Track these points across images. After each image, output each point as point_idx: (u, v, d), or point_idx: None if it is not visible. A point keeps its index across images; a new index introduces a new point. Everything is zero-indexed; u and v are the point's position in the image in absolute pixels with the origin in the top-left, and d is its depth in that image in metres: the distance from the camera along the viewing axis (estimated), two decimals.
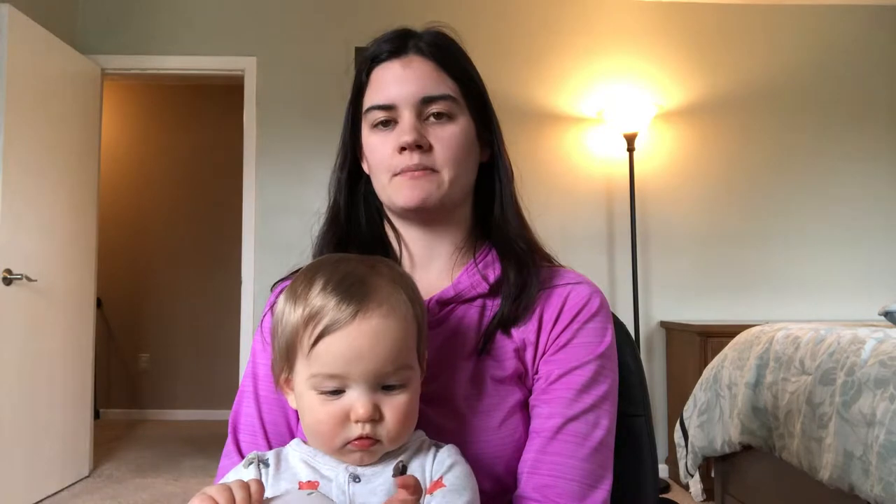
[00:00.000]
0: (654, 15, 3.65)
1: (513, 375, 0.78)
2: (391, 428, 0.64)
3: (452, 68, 0.83)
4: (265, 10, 3.56)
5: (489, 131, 0.87)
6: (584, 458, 0.74)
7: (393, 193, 0.81)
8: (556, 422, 0.75)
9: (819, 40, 3.69)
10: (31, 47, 2.90)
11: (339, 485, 0.64)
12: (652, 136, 3.56)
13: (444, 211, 0.83)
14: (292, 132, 3.50)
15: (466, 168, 0.83)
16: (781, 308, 3.54)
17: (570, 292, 0.82)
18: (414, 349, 0.67)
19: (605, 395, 0.77)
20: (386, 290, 0.66)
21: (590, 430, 0.75)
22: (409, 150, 0.79)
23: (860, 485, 1.54)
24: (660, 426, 3.40)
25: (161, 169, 4.98)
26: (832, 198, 3.62)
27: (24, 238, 2.84)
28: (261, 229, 3.47)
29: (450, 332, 0.81)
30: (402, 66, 0.82)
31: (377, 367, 0.63)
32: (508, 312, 0.80)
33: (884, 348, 1.63)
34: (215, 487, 0.58)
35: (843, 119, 3.65)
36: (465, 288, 0.82)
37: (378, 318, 0.63)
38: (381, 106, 0.82)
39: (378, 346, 0.63)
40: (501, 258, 0.83)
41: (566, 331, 0.79)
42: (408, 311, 0.66)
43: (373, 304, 0.64)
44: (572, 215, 3.51)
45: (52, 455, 3.02)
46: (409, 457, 0.67)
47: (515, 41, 3.57)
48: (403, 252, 0.87)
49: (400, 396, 0.64)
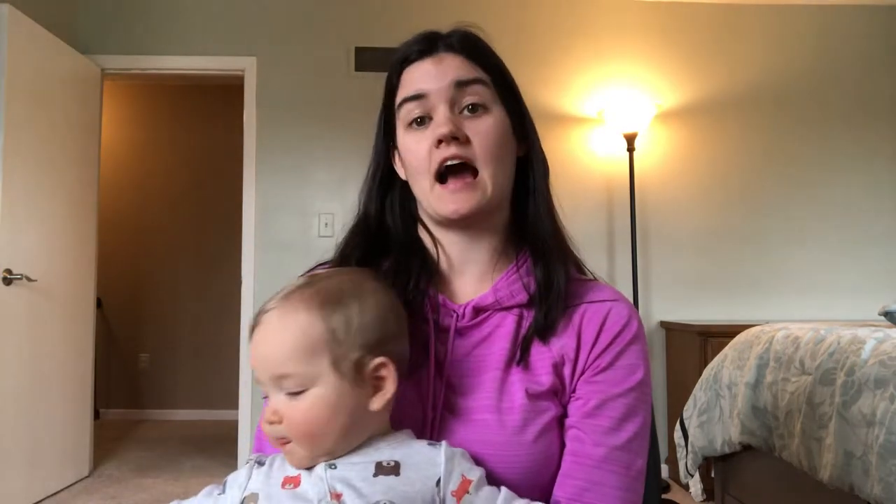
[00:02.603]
0: (654, 15, 3.65)
1: (549, 391, 0.77)
2: (291, 433, 0.67)
3: (483, 61, 0.83)
4: (265, 10, 3.56)
5: (523, 124, 0.86)
6: (626, 487, 0.75)
7: (436, 203, 0.80)
8: (602, 451, 0.75)
9: (819, 40, 3.69)
10: (31, 47, 2.90)
11: (319, 472, 0.66)
12: (652, 136, 3.57)
13: (485, 215, 0.82)
14: (292, 132, 3.50)
15: (505, 164, 0.82)
16: (781, 308, 3.54)
17: (609, 310, 0.80)
18: (321, 361, 0.67)
19: (644, 424, 0.78)
20: (295, 302, 0.69)
21: (633, 460, 0.76)
22: (445, 143, 0.78)
23: (860, 485, 1.54)
24: (660, 426, 3.40)
25: (161, 169, 4.99)
26: (832, 197, 3.62)
27: (24, 238, 2.84)
28: (261, 229, 3.47)
29: (482, 339, 0.80)
30: (433, 63, 0.82)
31: (269, 370, 0.67)
32: (545, 320, 0.78)
33: (884, 348, 1.63)
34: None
35: (844, 119, 3.65)
36: (504, 296, 0.81)
37: (269, 325, 0.69)
38: (412, 96, 0.80)
39: (267, 350, 0.68)
40: (535, 261, 0.82)
41: (606, 352, 0.78)
42: (312, 325, 0.67)
43: (273, 314, 0.69)
44: (572, 215, 3.45)
45: (52, 455, 3.02)
46: (391, 451, 0.68)
47: (518, 43, 3.57)
48: (441, 256, 0.85)
49: (298, 402, 0.67)
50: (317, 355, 0.67)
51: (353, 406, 0.68)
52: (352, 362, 0.68)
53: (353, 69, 3.47)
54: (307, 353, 0.67)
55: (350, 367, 0.67)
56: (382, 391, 0.69)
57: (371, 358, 0.68)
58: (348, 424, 0.68)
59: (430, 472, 0.66)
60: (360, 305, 0.70)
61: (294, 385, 0.67)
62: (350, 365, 0.67)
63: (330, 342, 0.67)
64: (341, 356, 0.67)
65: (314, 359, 0.67)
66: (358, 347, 0.68)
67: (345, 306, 0.69)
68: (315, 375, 0.67)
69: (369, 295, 0.71)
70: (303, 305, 0.68)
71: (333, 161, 3.48)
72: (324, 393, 0.67)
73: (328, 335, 0.67)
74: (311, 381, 0.67)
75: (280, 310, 0.69)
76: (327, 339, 0.67)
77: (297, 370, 0.67)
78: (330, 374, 0.67)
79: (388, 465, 0.66)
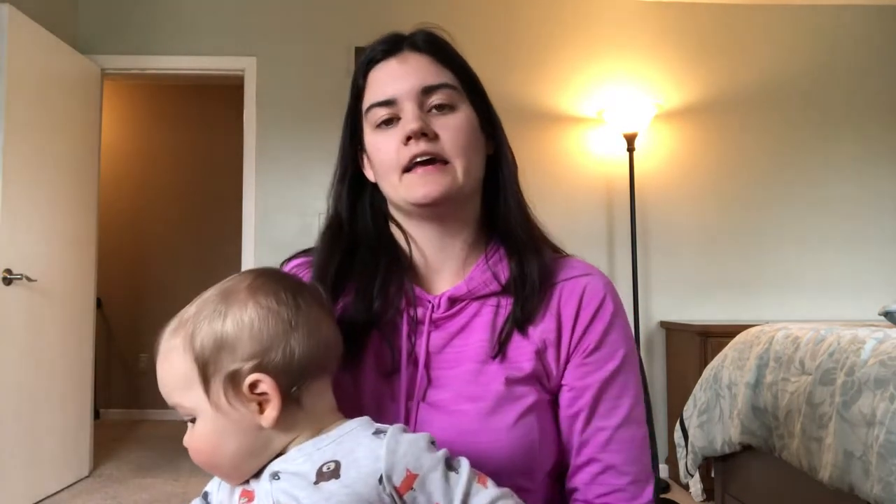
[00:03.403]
0: (653, 15, 3.65)
1: (531, 376, 0.78)
2: (194, 458, 0.68)
3: (448, 60, 0.84)
4: (265, 10, 3.56)
5: (490, 123, 0.87)
6: (634, 460, 0.79)
7: (406, 191, 0.80)
8: (605, 435, 0.79)
9: (819, 40, 3.69)
10: (31, 47, 2.90)
11: (265, 485, 0.66)
12: (652, 136, 3.56)
13: (457, 205, 0.82)
14: (292, 132, 3.50)
15: (476, 158, 0.83)
16: (781, 308, 3.53)
17: (585, 287, 0.82)
18: (195, 393, 0.66)
19: (637, 393, 0.82)
20: (168, 335, 0.69)
21: (634, 433, 0.80)
22: (414, 139, 0.78)
23: (860, 485, 1.54)
24: (660, 426, 3.40)
25: (161, 169, 4.98)
26: (832, 197, 3.62)
27: (24, 238, 2.84)
28: (261, 229, 3.47)
29: (460, 329, 0.81)
30: (398, 62, 0.82)
31: (169, 401, 0.69)
32: (522, 312, 0.79)
33: (884, 348, 1.63)
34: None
35: (844, 119, 3.65)
36: (477, 285, 0.82)
37: (158, 357, 0.70)
38: (381, 102, 0.81)
39: (159, 382, 0.69)
40: (509, 254, 0.83)
41: (589, 332, 0.80)
42: (181, 359, 0.67)
43: (159, 345, 0.70)
44: (572, 215, 3.51)
45: (52, 455, 3.02)
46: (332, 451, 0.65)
47: (517, 42, 3.57)
48: (415, 254, 0.85)
49: (193, 431, 0.68)
50: (190, 388, 0.66)
51: (242, 429, 0.66)
52: (222, 389, 0.66)
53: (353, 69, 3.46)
54: (182, 387, 0.67)
55: (221, 393, 0.66)
56: (270, 405, 0.66)
57: (244, 377, 0.65)
58: (243, 448, 0.66)
59: (372, 469, 0.62)
60: (227, 323, 0.67)
61: (185, 414, 0.68)
62: (220, 392, 0.66)
63: (199, 373, 0.66)
64: (211, 384, 0.66)
65: (189, 392, 0.66)
66: (224, 371, 0.66)
67: (211, 331, 0.66)
68: (194, 407, 0.67)
69: (237, 309, 0.67)
70: (175, 340, 0.68)
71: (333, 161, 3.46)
72: (204, 423, 0.67)
73: (196, 366, 0.66)
74: (194, 412, 0.67)
75: (163, 344, 0.69)
76: (195, 370, 0.66)
77: (181, 402, 0.67)
78: (205, 404, 0.66)
79: (328, 469, 0.63)
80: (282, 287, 0.70)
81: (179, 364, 0.67)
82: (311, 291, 0.72)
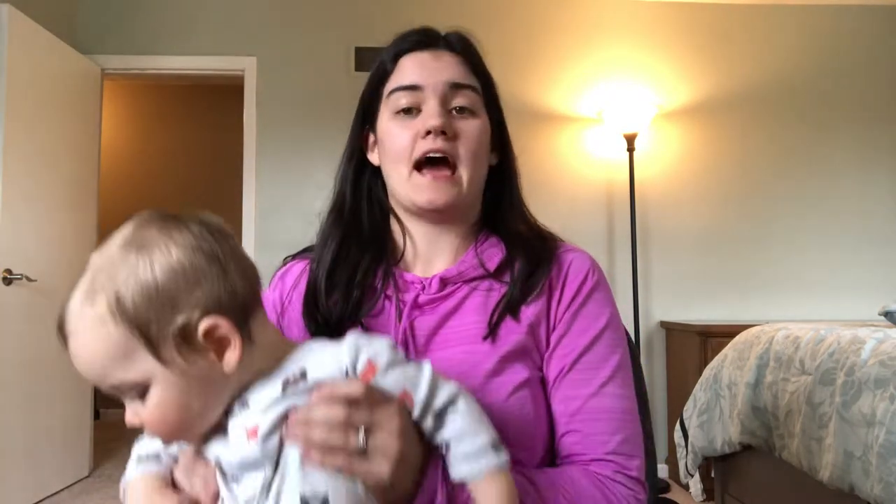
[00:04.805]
0: (653, 16, 3.65)
1: (523, 352, 0.79)
2: (155, 434, 0.62)
3: (476, 66, 0.86)
4: (265, 10, 3.56)
5: (501, 135, 0.89)
6: (614, 430, 0.77)
7: (413, 192, 0.81)
8: (577, 404, 0.78)
9: (820, 40, 3.69)
10: (31, 47, 2.90)
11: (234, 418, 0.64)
12: (652, 136, 3.56)
13: (456, 210, 0.84)
14: (292, 132, 3.50)
15: (481, 168, 0.84)
16: (781, 308, 3.53)
17: (571, 261, 0.85)
18: (140, 360, 0.58)
19: (620, 365, 0.80)
20: (84, 307, 0.59)
21: (614, 403, 0.78)
22: (434, 135, 0.79)
23: (860, 485, 1.54)
24: (660, 426, 3.40)
25: (161, 169, 4.99)
26: (832, 198, 3.62)
27: (24, 238, 2.84)
28: (261, 229, 3.47)
29: (450, 311, 0.81)
30: (431, 56, 0.83)
31: (99, 383, 0.60)
32: (517, 295, 0.80)
33: (884, 348, 1.63)
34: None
35: (844, 119, 3.65)
36: (468, 268, 0.83)
37: (73, 338, 0.60)
38: (407, 86, 0.81)
39: (83, 366, 0.60)
40: (508, 246, 0.84)
41: (572, 304, 0.81)
42: (109, 331, 0.58)
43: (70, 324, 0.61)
44: (573, 215, 3.51)
45: (52, 455, 3.02)
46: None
47: (517, 43, 3.57)
48: (408, 246, 0.86)
49: (146, 405, 0.60)
50: (132, 358, 0.58)
51: (205, 383, 0.60)
52: (174, 346, 0.58)
53: (353, 69, 3.47)
54: (122, 360, 0.58)
55: (174, 352, 0.58)
56: (230, 348, 0.60)
57: (195, 326, 0.58)
58: (210, 401, 0.61)
59: (336, 367, 0.62)
60: (157, 271, 0.58)
61: (131, 391, 0.60)
62: (173, 350, 0.58)
63: (141, 338, 0.58)
64: (161, 346, 0.58)
65: (133, 363, 0.58)
66: (173, 326, 0.58)
67: (140, 286, 0.58)
68: (144, 377, 0.59)
69: (159, 254, 0.59)
70: (91, 312, 0.59)
71: (333, 161, 3.43)
72: (163, 390, 0.59)
73: (135, 331, 0.58)
74: (145, 382, 0.59)
75: (74, 321, 0.60)
76: (135, 336, 0.58)
77: (123, 378, 0.59)
78: (158, 369, 0.59)
79: (294, 376, 0.61)
80: (186, 221, 0.62)
81: (109, 335, 0.58)
82: (212, 220, 0.65)
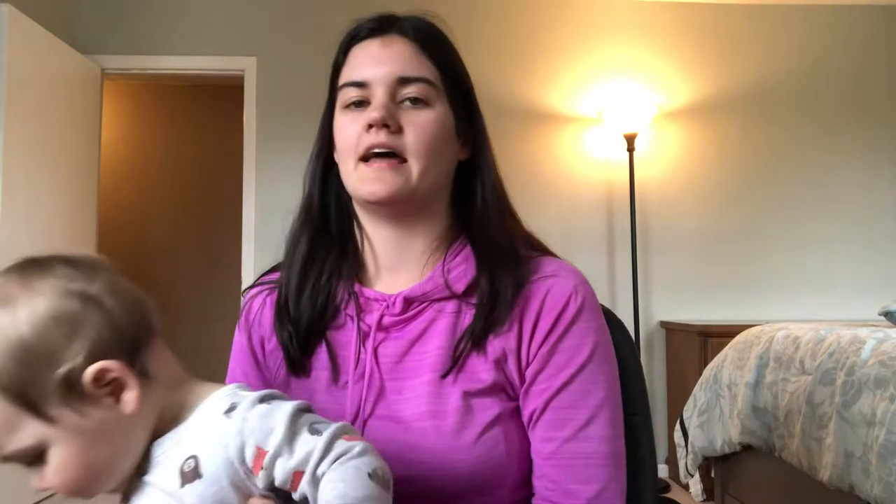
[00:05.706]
0: (653, 15, 3.65)
1: (491, 387, 0.73)
2: (70, 489, 0.58)
3: (434, 53, 0.78)
4: (265, 10, 3.56)
5: (471, 126, 0.81)
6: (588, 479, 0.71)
7: (357, 183, 0.75)
8: (551, 447, 0.72)
9: (819, 40, 3.68)
10: (31, 47, 2.90)
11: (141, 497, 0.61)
12: (652, 136, 3.56)
13: (413, 207, 0.77)
14: (292, 132, 3.50)
15: (440, 161, 0.77)
16: (781, 308, 3.53)
17: (549, 289, 0.75)
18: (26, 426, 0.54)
19: (601, 404, 0.73)
20: None
21: (595, 447, 0.72)
22: (375, 128, 0.73)
23: (860, 485, 1.53)
24: (660, 426, 3.40)
25: (161, 169, 4.98)
26: (833, 198, 3.62)
27: (24, 238, 2.84)
28: (261, 229, 3.47)
29: (416, 336, 0.75)
30: (381, 45, 0.77)
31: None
32: (481, 329, 0.73)
33: (884, 348, 1.63)
34: None
35: (844, 119, 3.65)
36: (433, 287, 0.76)
37: None
38: (354, 83, 0.76)
39: None
40: (478, 262, 0.77)
41: (548, 338, 0.73)
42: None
43: None
44: (572, 215, 3.51)
45: None
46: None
47: (516, 43, 3.57)
48: (367, 251, 0.80)
49: (47, 468, 0.57)
50: (17, 427, 0.54)
51: (105, 432, 0.57)
52: (59, 400, 0.54)
53: None
54: (6, 431, 0.55)
55: (61, 406, 0.54)
56: (127, 389, 0.57)
57: (80, 374, 0.55)
58: (118, 447, 0.58)
59: (223, 458, 0.56)
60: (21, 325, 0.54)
61: (27, 458, 0.56)
62: (59, 405, 0.54)
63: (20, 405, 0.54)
64: (45, 407, 0.54)
65: (20, 432, 0.55)
66: (53, 383, 0.54)
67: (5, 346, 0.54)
68: (37, 440, 0.55)
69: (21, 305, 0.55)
70: None
71: None
72: (63, 448, 0.56)
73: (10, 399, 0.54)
74: (41, 446, 0.55)
75: None
76: (13, 405, 0.54)
77: (16, 447, 0.55)
78: (51, 431, 0.55)
79: (189, 468, 0.57)
80: (48, 265, 0.59)
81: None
82: (79, 257, 0.62)
